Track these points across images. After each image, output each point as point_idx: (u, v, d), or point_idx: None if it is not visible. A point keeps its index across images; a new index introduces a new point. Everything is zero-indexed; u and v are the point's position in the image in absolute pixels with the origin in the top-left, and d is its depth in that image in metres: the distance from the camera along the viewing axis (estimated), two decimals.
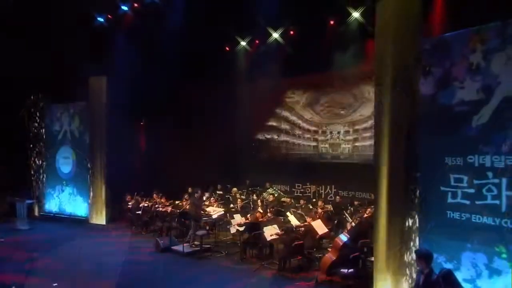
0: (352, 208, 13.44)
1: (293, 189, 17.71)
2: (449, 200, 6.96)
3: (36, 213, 17.99)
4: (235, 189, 16.01)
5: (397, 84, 7.43)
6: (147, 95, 15.97)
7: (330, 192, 16.74)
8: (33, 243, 12.95)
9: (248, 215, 11.70)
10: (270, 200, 14.36)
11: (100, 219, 16.44)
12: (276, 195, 15.54)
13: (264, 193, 15.97)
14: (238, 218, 12.03)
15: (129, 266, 10.50)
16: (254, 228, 11.00)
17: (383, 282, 7.43)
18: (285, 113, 18.79)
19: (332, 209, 13.44)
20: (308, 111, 18.01)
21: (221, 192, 16.59)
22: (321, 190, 17.03)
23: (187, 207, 12.87)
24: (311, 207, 13.83)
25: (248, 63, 18.32)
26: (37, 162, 18.52)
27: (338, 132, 16.90)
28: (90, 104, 16.74)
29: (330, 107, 17.24)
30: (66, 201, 17.82)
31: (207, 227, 12.17)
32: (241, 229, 11.49)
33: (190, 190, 14.73)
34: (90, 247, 12.58)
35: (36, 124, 18.38)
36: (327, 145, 17.34)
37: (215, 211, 12.70)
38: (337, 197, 15.14)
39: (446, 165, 7.04)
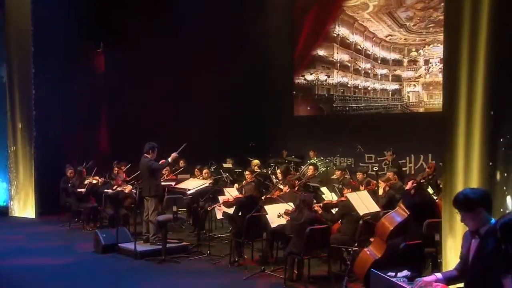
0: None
1: (362, 164, 17.69)
2: None
3: None
4: (256, 161, 16.19)
5: None
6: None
7: (424, 165, 16.57)
8: None
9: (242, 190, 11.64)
10: (308, 174, 14.33)
11: (27, 210, 16.38)
12: (323, 168, 15.86)
13: (302, 166, 16.38)
14: (230, 194, 11.74)
15: (35, 274, 10.51)
16: (251, 206, 10.44)
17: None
18: (342, 31, 18.62)
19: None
20: (384, 23, 17.60)
21: (229, 166, 16.97)
22: (409, 163, 17.21)
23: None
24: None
25: None
26: None
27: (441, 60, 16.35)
28: (5, 14, 16.52)
29: (426, 10, 16.60)
30: None
31: (176, 209, 11.58)
32: (230, 210, 11.16)
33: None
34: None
35: None
36: (418, 88, 17.13)
37: (195, 185, 12.60)
38: (427, 169, 14.77)
39: None
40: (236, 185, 13.14)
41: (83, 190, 14.45)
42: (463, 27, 7.37)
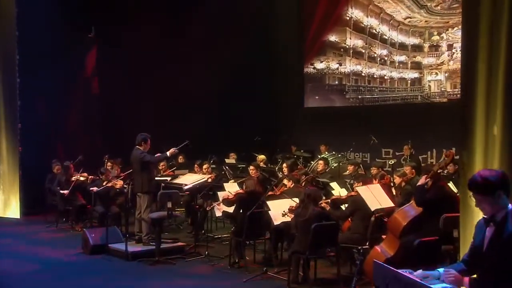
0: None
1: (378, 160, 17.78)
2: None
3: None
4: (262, 156, 16.39)
5: None
6: None
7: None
8: None
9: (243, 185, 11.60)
10: (318, 170, 14.63)
11: (11, 209, 16.45)
12: (334, 164, 16.09)
13: (312, 162, 16.47)
14: (230, 189, 11.70)
15: (19, 278, 10.52)
16: (253, 203, 10.31)
17: None
18: (356, 13, 18.70)
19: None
20: (402, 4, 17.67)
21: (232, 161, 17.16)
22: (430, 158, 17.25)
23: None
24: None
25: None
26: None
27: None
28: None
29: None
30: None
31: (169, 205, 11.58)
32: (230, 209, 11.22)
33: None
34: None
35: None
36: (441, 76, 17.10)
37: (192, 180, 12.54)
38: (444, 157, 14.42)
39: None
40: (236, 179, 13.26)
41: (66, 192, 14.48)
42: (483, 10, 7.21)
